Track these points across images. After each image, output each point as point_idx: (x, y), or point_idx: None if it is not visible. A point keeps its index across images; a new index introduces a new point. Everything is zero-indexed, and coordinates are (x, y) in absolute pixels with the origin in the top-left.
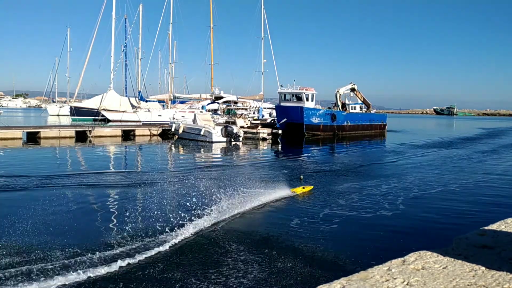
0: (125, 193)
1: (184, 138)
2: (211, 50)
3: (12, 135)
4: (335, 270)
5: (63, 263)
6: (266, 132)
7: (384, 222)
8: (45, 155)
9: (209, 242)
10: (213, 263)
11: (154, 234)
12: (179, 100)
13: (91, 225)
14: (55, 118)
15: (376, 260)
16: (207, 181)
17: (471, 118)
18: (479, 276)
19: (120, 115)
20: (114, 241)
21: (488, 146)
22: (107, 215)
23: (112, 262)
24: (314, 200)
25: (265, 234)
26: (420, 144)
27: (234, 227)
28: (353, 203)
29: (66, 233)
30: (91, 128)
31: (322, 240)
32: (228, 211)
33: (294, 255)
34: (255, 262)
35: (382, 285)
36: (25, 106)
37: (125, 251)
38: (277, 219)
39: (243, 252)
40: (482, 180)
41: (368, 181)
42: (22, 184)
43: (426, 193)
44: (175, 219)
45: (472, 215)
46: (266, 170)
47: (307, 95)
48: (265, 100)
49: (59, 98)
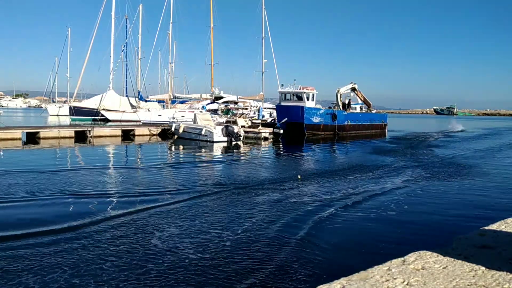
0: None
1: (184, 138)
2: (211, 50)
3: (12, 135)
4: (335, 270)
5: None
6: (268, 132)
7: (384, 222)
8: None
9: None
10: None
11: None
12: (179, 100)
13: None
14: (55, 118)
15: (376, 260)
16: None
17: (471, 118)
18: (479, 276)
19: (119, 115)
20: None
21: (488, 145)
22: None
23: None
24: (312, 199)
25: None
26: (421, 142)
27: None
28: (353, 203)
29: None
30: (91, 128)
31: (321, 240)
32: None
33: (293, 255)
34: (254, 262)
35: (382, 285)
36: (25, 106)
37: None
38: (273, 217)
39: (242, 252)
40: (482, 180)
41: (368, 181)
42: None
43: (426, 193)
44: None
45: (472, 215)
46: (268, 169)
47: (307, 94)
48: (266, 100)
49: (59, 98)
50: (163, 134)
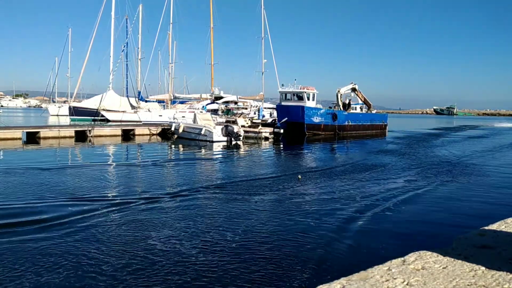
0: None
1: (184, 137)
2: (211, 50)
3: (12, 135)
4: (335, 270)
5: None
6: (268, 131)
7: (384, 222)
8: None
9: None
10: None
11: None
12: (179, 100)
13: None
14: (56, 118)
15: (376, 260)
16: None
17: (471, 118)
18: (479, 276)
19: (120, 115)
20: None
21: (488, 145)
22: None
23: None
24: (312, 199)
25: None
26: (420, 142)
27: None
28: (353, 203)
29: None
30: (91, 127)
31: (321, 239)
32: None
33: (293, 254)
34: (253, 261)
35: (382, 285)
36: (25, 106)
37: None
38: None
39: (240, 250)
40: (482, 179)
41: (368, 181)
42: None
43: (426, 193)
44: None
45: (472, 215)
46: (268, 169)
47: (308, 94)
48: (265, 100)
49: (59, 98)
50: (163, 134)
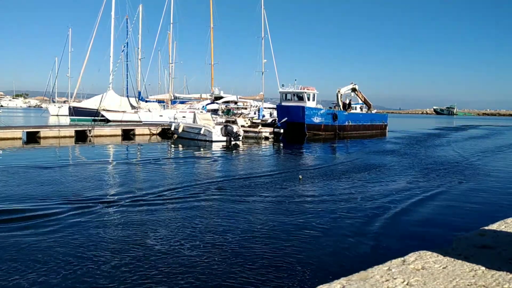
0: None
1: (183, 137)
2: (211, 50)
3: (12, 135)
4: (335, 270)
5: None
6: (268, 131)
7: (383, 222)
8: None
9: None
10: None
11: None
12: (179, 100)
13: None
14: (56, 118)
15: (376, 260)
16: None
17: (471, 118)
18: (479, 276)
19: (120, 115)
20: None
21: (488, 145)
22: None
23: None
24: (312, 199)
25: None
26: (420, 142)
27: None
28: (353, 203)
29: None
30: (91, 127)
31: (321, 239)
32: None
33: (293, 254)
34: (253, 261)
35: (382, 285)
36: (25, 106)
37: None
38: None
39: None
40: (482, 179)
41: (369, 181)
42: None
43: (426, 193)
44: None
45: (472, 215)
46: (268, 168)
47: (308, 94)
48: (265, 100)
49: (59, 98)
50: (163, 133)
